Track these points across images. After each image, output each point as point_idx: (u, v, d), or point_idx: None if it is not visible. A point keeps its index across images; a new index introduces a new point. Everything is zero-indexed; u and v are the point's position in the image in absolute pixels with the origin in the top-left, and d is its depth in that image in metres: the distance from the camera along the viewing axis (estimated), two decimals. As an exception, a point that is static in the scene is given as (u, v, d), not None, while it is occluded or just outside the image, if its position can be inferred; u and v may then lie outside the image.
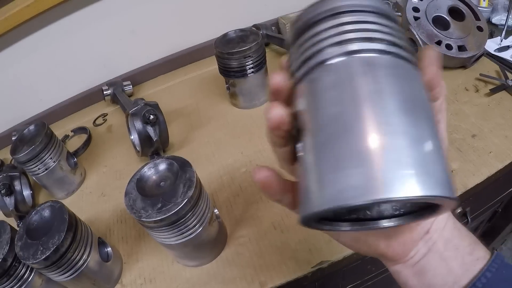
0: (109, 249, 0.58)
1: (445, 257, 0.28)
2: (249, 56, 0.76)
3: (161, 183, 0.50)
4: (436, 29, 0.79)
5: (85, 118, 0.99)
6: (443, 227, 0.29)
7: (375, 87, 0.20)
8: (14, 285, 0.50)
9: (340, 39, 0.21)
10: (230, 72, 0.79)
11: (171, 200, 0.45)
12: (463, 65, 0.81)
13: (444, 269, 0.28)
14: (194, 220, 0.48)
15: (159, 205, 0.45)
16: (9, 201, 0.69)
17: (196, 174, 0.49)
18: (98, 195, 0.75)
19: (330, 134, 0.20)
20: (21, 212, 0.70)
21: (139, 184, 0.49)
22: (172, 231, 0.47)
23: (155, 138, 0.70)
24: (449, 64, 0.82)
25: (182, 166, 0.49)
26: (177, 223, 0.47)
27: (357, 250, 0.31)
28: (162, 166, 0.51)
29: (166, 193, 0.47)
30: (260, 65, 0.79)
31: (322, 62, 0.21)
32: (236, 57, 0.76)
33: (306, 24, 0.23)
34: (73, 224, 0.50)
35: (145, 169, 0.51)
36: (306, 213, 0.21)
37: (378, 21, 0.22)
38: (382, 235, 0.29)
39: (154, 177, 0.51)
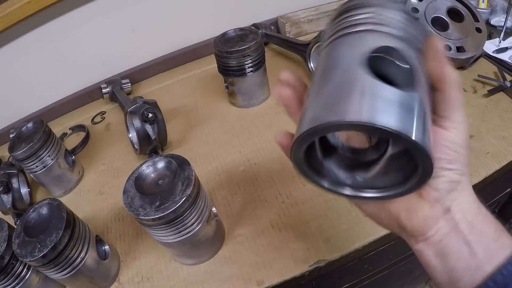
0: (106, 247, 0.58)
1: (469, 240, 0.28)
2: (248, 55, 0.76)
3: (160, 181, 0.50)
4: (435, 30, 0.79)
5: (83, 116, 0.99)
6: (467, 210, 0.29)
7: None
8: (11, 283, 0.50)
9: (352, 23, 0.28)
10: (229, 71, 0.79)
11: (169, 198, 0.46)
12: (462, 66, 0.82)
13: (467, 253, 0.28)
14: (192, 219, 0.48)
15: (157, 203, 0.45)
16: (7, 198, 0.69)
17: (195, 172, 0.49)
18: (96, 193, 0.75)
19: (328, 77, 0.26)
20: (18, 210, 0.70)
21: (138, 182, 0.49)
22: (170, 229, 0.47)
23: (154, 137, 0.70)
24: (447, 65, 0.82)
25: (180, 164, 0.49)
26: (175, 221, 0.47)
27: (379, 221, 0.33)
28: (161, 164, 0.51)
29: (164, 191, 0.47)
30: (259, 64, 0.79)
31: (341, 35, 0.28)
32: (235, 56, 0.76)
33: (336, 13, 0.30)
34: (71, 222, 0.50)
35: (144, 167, 0.51)
36: (294, 138, 0.26)
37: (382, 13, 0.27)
38: (403, 206, 0.30)
39: (152, 175, 0.51)
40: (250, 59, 0.77)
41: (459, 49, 0.78)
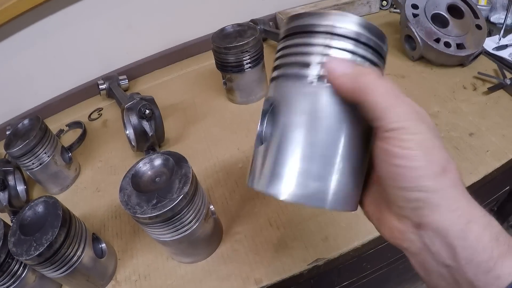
0: (103, 245, 0.57)
1: (448, 265, 0.23)
2: (247, 51, 0.75)
3: (157, 178, 0.49)
4: (435, 26, 0.79)
5: (80, 112, 0.98)
6: (447, 230, 0.23)
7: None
8: (7, 282, 0.50)
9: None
10: (227, 67, 0.78)
11: (166, 196, 0.45)
12: (462, 63, 0.81)
13: (449, 277, 0.24)
14: (189, 217, 0.48)
15: (154, 201, 0.45)
16: (3, 196, 0.68)
17: (192, 170, 0.48)
18: (92, 190, 0.74)
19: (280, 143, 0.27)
20: (14, 207, 0.70)
21: (134, 179, 0.49)
22: (167, 227, 0.47)
23: (151, 133, 0.69)
24: (447, 62, 0.81)
25: (177, 162, 0.49)
26: (172, 219, 0.46)
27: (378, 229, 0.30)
28: (158, 162, 0.51)
29: (161, 189, 0.46)
30: (258, 60, 0.78)
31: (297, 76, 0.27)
32: (233, 52, 0.75)
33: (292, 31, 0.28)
34: (67, 220, 0.49)
35: (140, 164, 0.50)
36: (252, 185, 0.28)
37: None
38: (374, 214, 0.29)
39: (149, 172, 0.50)
40: (249, 55, 0.76)
41: (459, 46, 0.78)
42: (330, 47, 0.25)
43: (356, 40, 0.26)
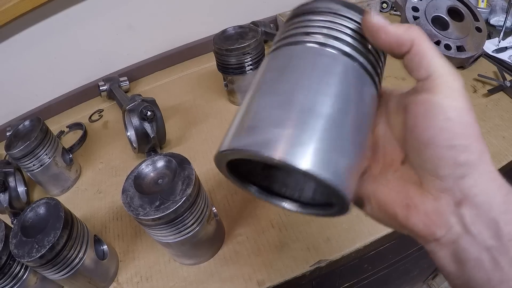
0: (105, 247, 0.57)
1: (490, 246, 0.21)
2: (248, 53, 0.75)
3: (159, 180, 0.49)
4: (435, 29, 0.79)
5: (80, 114, 0.98)
6: (489, 203, 0.21)
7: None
8: (8, 284, 0.50)
9: (307, 31, 0.24)
10: (229, 69, 0.78)
11: (169, 198, 0.45)
12: (462, 65, 0.81)
13: (489, 261, 0.21)
14: (192, 218, 0.48)
15: (157, 203, 0.45)
16: (3, 197, 0.68)
17: (195, 171, 0.48)
18: (93, 192, 0.74)
19: (267, 91, 0.23)
20: (15, 209, 0.69)
21: (137, 181, 0.49)
22: (170, 229, 0.47)
23: (152, 135, 0.69)
24: (447, 64, 0.82)
25: (180, 163, 0.49)
26: (175, 221, 0.46)
27: (380, 221, 0.27)
28: (160, 163, 0.51)
29: (164, 190, 0.46)
30: (259, 62, 0.78)
31: (290, 43, 0.24)
32: (234, 54, 0.75)
33: (296, 13, 0.26)
34: (69, 221, 0.49)
35: (143, 166, 0.50)
36: (218, 150, 0.23)
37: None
38: (399, 201, 0.24)
39: (152, 174, 0.50)
40: (250, 57, 0.76)
41: (459, 48, 0.78)
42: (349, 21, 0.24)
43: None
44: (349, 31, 0.24)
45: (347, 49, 0.23)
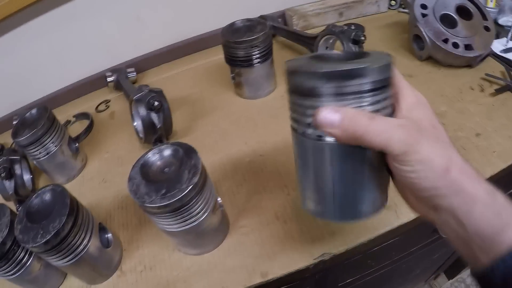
0: (109, 235, 0.57)
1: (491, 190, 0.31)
2: (256, 46, 0.75)
3: (166, 169, 0.49)
4: (444, 26, 0.79)
5: (87, 104, 0.98)
6: (457, 210, 0.30)
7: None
8: (12, 269, 0.50)
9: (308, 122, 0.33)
10: (236, 62, 0.78)
11: (175, 186, 0.45)
12: (469, 64, 0.81)
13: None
14: (198, 208, 0.48)
15: (163, 191, 0.45)
16: (9, 184, 0.69)
17: (202, 160, 0.48)
18: (99, 181, 0.74)
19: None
20: (20, 196, 0.70)
21: (144, 169, 0.49)
22: (175, 217, 0.47)
23: (159, 125, 0.70)
24: (455, 63, 0.82)
25: (187, 153, 0.49)
26: (180, 210, 0.46)
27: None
28: (167, 152, 0.51)
29: (170, 179, 0.46)
30: (267, 55, 0.78)
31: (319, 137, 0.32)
32: (243, 47, 0.75)
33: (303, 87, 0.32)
34: (74, 208, 0.49)
35: (150, 154, 0.50)
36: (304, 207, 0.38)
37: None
38: (405, 197, 0.35)
39: (158, 162, 0.50)
40: (258, 50, 0.76)
41: (467, 47, 0.78)
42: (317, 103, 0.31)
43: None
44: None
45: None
